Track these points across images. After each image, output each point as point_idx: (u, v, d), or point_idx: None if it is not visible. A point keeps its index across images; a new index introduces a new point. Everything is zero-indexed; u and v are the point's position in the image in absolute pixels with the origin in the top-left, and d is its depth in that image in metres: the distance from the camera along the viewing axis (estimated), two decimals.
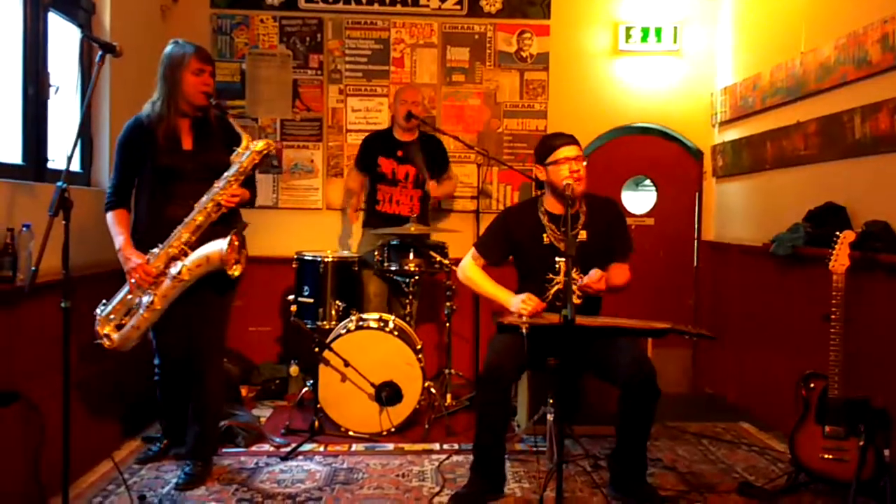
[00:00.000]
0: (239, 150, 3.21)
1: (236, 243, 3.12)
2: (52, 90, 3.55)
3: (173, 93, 3.22)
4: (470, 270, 3.45)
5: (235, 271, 3.13)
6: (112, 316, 3.16)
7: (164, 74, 3.24)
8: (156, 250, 3.13)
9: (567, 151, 3.29)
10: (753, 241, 4.60)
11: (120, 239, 3.18)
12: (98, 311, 3.18)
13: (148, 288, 3.11)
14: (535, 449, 3.73)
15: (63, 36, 3.81)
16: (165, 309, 3.15)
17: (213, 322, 3.36)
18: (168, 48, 3.29)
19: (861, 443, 2.95)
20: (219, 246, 3.08)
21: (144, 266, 3.10)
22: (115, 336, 3.15)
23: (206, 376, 3.35)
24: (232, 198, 3.17)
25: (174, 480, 3.31)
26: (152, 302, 3.10)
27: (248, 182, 3.37)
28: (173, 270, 3.10)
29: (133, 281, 3.11)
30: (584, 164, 3.31)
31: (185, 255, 3.12)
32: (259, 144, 3.22)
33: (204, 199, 3.16)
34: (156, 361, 3.50)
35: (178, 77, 3.21)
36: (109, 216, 3.26)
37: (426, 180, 4.69)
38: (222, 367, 3.50)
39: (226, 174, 3.18)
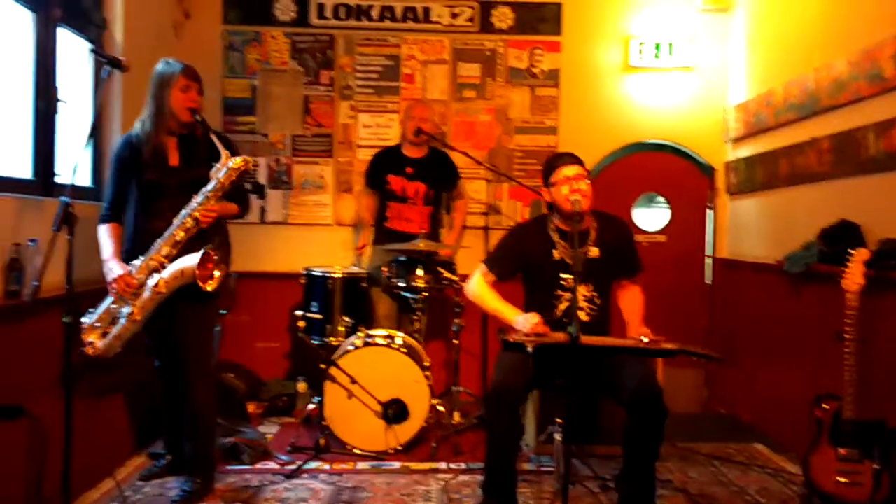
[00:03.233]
0: (217, 165, 3.21)
1: (209, 258, 3.12)
2: (60, 105, 3.58)
3: (161, 110, 3.26)
4: (478, 287, 3.42)
5: (209, 286, 3.13)
6: (97, 324, 3.16)
7: (154, 92, 3.28)
8: (137, 262, 3.15)
9: (567, 171, 3.27)
10: (767, 258, 4.54)
11: (107, 251, 3.22)
12: (85, 319, 3.18)
13: (129, 299, 3.12)
14: (542, 469, 3.67)
15: (76, 52, 3.83)
16: (146, 319, 3.16)
17: (195, 333, 3.34)
18: (158, 67, 3.32)
19: (876, 466, 2.89)
20: (192, 260, 3.09)
21: (126, 277, 3.12)
22: (98, 343, 3.15)
23: (193, 388, 3.32)
24: (208, 212, 3.17)
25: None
26: (132, 313, 3.11)
27: (239, 196, 3.38)
28: (150, 283, 3.12)
29: (114, 291, 3.14)
30: (587, 181, 3.28)
31: (164, 268, 3.13)
32: (236, 161, 3.20)
33: (182, 213, 3.17)
34: (155, 364, 3.53)
35: (166, 94, 3.25)
36: (101, 229, 3.29)
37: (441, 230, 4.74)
38: (210, 379, 3.43)
39: (203, 189, 3.19)
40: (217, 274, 3.16)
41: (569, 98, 5.38)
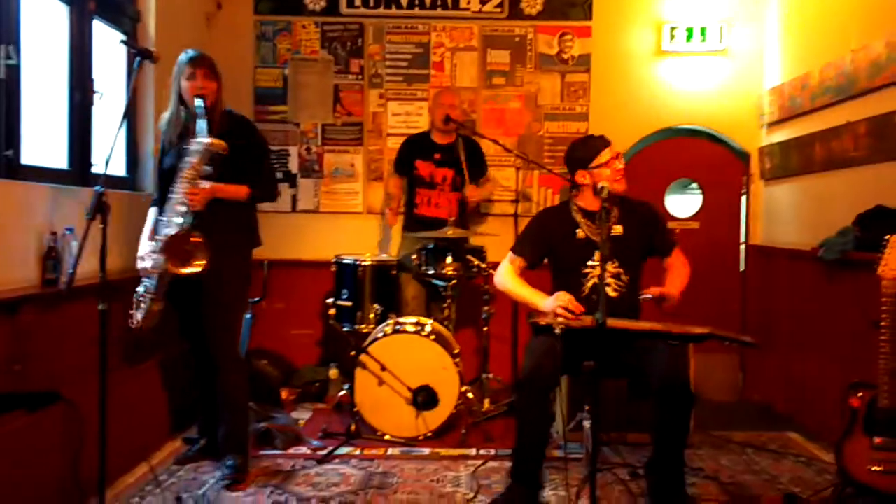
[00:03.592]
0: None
1: (176, 243, 3.14)
2: (96, 96, 3.65)
3: (178, 98, 3.38)
4: (505, 275, 3.42)
5: (182, 271, 3.15)
6: (139, 301, 3.27)
7: (174, 84, 3.40)
8: (155, 243, 3.27)
9: (607, 153, 3.30)
10: (802, 245, 4.47)
11: (144, 232, 3.44)
12: (135, 294, 3.32)
13: (149, 276, 3.26)
14: (570, 457, 3.67)
15: (110, 44, 3.89)
16: (162, 297, 3.24)
17: (218, 313, 3.40)
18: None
19: None
20: (159, 246, 3.17)
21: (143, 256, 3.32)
22: (138, 317, 3.26)
23: (220, 369, 3.41)
24: (191, 195, 3.19)
25: (211, 481, 3.35)
26: (146, 291, 3.23)
27: (254, 179, 3.40)
28: (147, 265, 3.23)
29: (138, 268, 3.32)
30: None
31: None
32: (201, 143, 3.20)
33: (171, 197, 3.24)
34: (188, 345, 3.64)
35: (178, 84, 3.36)
36: (148, 212, 3.50)
37: (465, 183, 4.67)
38: (235, 361, 3.48)
39: (179, 173, 3.22)
40: (201, 259, 3.15)
41: (599, 84, 5.33)
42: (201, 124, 3.22)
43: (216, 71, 3.40)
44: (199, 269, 3.15)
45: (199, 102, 3.26)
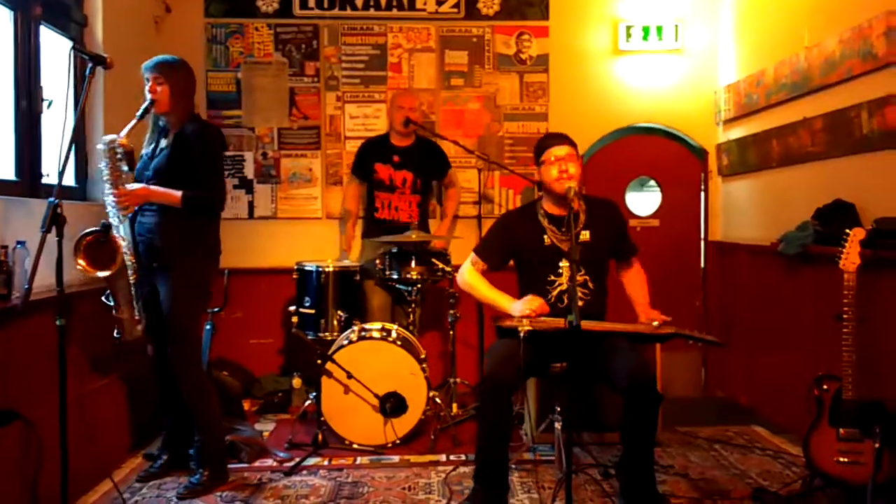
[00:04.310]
0: None
1: (90, 245, 3.11)
2: (45, 104, 3.52)
3: (148, 108, 3.34)
4: (469, 276, 3.39)
5: (92, 272, 3.11)
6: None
7: None
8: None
9: (557, 151, 3.26)
10: (761, 240, 4.53)
11: None
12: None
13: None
14: (542, 458, 3.66)
15: (57, 49, 3.76)
16: (123, 305, 3.23)
17: (169, 328, 3.32)
18: None
19: (877, 445, 2.88)
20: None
21: None
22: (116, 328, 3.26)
23: (179, 383, 3.35)
24: (118, 198, 3.19)
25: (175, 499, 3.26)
26: (107, 297, 3.22)
27: (195, 185, 3.30)
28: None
29: None
30: (578, 163, 3.27)
31: None
32: (101, 143, 3.22)
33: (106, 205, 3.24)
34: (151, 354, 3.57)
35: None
36: None
37: (429, 190, 4.67)
38: (193, 376, 3.39)
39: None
40: (116, 260, 3.13)
41: (558, 83, 5.33)
42: (127, 128, 3.24)
43: (171, 75, 3.32)
44: (112, 273, 3.13)
45: (145, 105, 3.29)
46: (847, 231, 3.12)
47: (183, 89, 3.36)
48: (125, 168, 3.19)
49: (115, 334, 3.24)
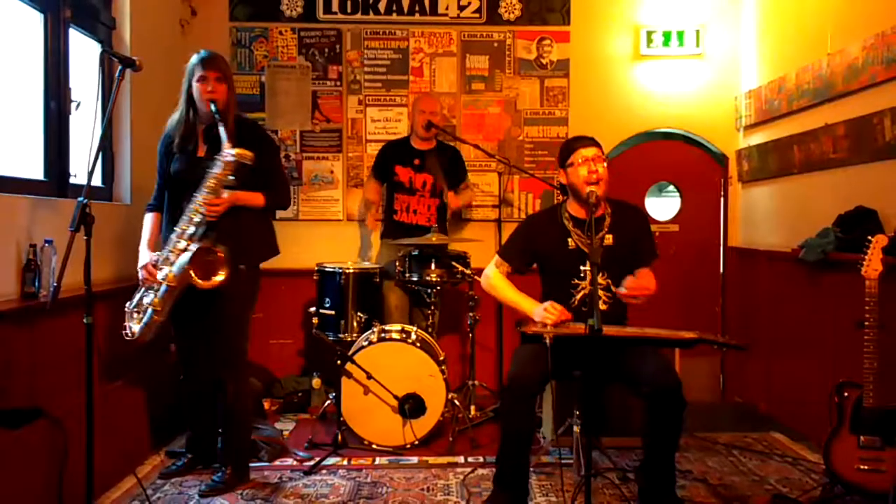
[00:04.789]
0: (216, 157, 3.19)
1: (203, 256, 3.12)
2: (73, 105, 3.57)
3: (189, 101, 3.31)
4: (494, 278, 3.40)
5: (206, 284, 3.13)
6: (135, 311, 3.26)
7: (185, 84, 3.33)
8: (164, 253, 3.22)
9: (585, 152, 3.24)
10: (782, 246, 4.51)
11: (143, 239, 3.36)
12: (127, 304, 3.30)
13: (151, 287, 3.22)
14: (561, 462, 3.66)
15: (85, 51, 3.82)
16: (168, 310, 3.21)
17: (224, 329, 3.36)
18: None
19: None
20: (186, 258, 3.12)
21: (148, 266, 3.22)
22: (135, 329, 3.24)
23: (228, 383, 3.38)
24: (211, 205, 3.16)
25: (198, 496, 3.30)
26: (153, 303, 3.18)
27: (269, 187, 3.36)
28: (160, 275, 3.18)
29: (140, 278, 3.25)
30: (605, 164, 3.25)
31: (174, 262, 3.18)
32: (229, 155, 3.14)
33: (188, 207, 3.19)
34: (179, 358, 3.58)
35: (190, 86, 3.30)
36: (145, 218, 3.44)
37: (444, 191, 4.66)
38: (243, 376, 3.47)
39: (203, 183, 3.17)
40: (221, 273, 3.14)
41: (578, 88, 5.35)
42: (221, 131, 3.16)
43: (228, 74, 3.34)
44: (219, 283, 3.13)
45: (213, 108, 3.22)
46: (869, 238, 3.11)
47: (234, 87, 3.39)
48: (232, 179, 3.18)
49: (128, 335, 3.24)
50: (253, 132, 3.41)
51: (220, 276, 3.14)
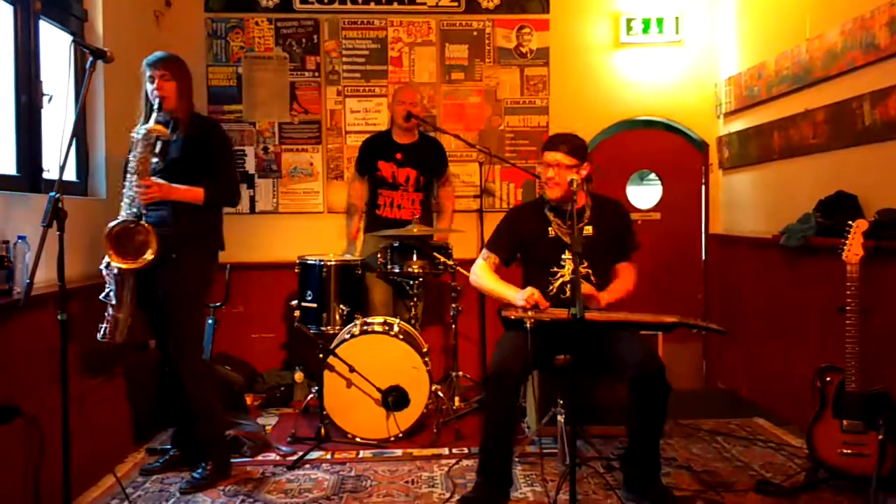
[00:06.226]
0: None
1: (110, 237, 3.08)
2: (45, 99, 3.50)
3: (144, 102, 3.33)
4: (480, 272, 3.42)
5: (129, 263, 3.09)
6: (107, 311, 3.22)
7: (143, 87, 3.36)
8: None
9: (547, 156, 3.32)
10: (763, 233, 4.52)
11: None
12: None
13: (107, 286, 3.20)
14: (545, 451, 3.65)
15: (58, 44, 3.74)
16: (129, 303, 3.18)
17: (174, 323, 3.32)
18: None
19: (880, 437, 2.88)
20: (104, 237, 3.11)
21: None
22: (102, 327, 3.19)
23: (182, 378, 3.35)
24: (142, 190, 3.14)
25: (178, 493, 3.26)
26: (108, 296, 3.16)
27: (212, 181, 3.33)
28: (102, 265, 3.16)
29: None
30: (569, 166, 3.25)
31: None
32: (142, 129, 3.17)
33: (124, 192, 3.19)
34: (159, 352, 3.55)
35: (144, 88, 3.32)
36: None
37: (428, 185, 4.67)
38: (196, 367, 3.40)
39: (127, 167, 3.19)
40: (150, 251, 3.08)
41: (559, 77, 5.32)
42: (152, 118, 3.19)
43: (177, 73, 3.31)
44: (148, 261, 3.08)
45: (156, 104, 3.22)
46: (850, 223, 3.12)
47: (188, 86, 3.37)
48: (155, 160, 3.18)
49: (99, 335, 3.17)
50: (204, 127, 3.40)
51: (148, 255, 3.09)
